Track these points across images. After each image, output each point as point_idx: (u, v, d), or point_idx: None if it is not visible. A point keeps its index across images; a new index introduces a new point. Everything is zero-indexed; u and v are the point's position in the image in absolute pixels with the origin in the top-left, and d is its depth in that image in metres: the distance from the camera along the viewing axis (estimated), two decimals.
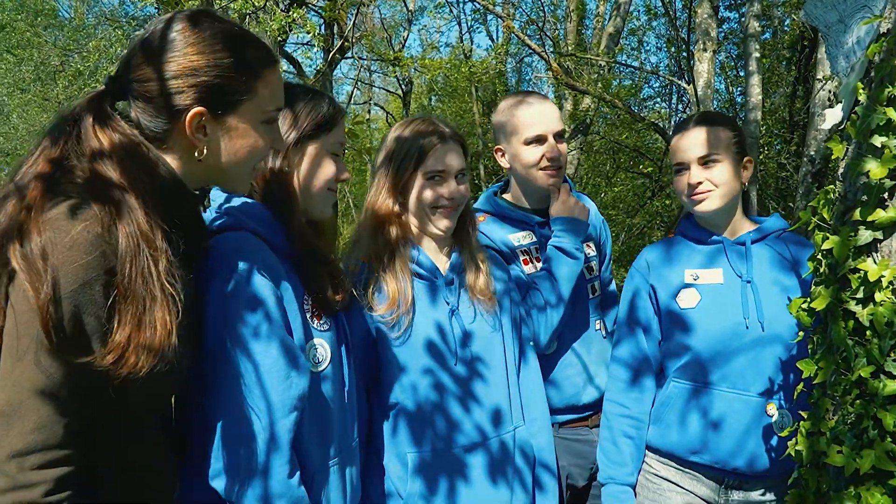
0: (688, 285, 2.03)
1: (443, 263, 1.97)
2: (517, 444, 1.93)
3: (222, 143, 1.33)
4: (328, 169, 1.65)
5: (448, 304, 1.92)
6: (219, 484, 1.40)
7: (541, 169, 2.27)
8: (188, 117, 1.27)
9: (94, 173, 1.20)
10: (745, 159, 2.05)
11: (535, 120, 2.27)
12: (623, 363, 2.14)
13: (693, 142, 2.02)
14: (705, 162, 2.01)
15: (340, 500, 1.59)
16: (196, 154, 1.31)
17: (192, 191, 1.38)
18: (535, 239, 2.33)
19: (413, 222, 1.97)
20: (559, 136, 2.30)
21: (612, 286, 2.58)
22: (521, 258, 2.30)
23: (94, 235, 1.13)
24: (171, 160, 1.31)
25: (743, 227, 2.08)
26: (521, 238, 2.32)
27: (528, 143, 2.27)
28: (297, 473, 1.44)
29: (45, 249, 1.10)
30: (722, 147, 2.01)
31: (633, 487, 2.08)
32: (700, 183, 2.00)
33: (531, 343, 2.12)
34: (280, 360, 1.43)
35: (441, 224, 1.94)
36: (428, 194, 1.92)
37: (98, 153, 1.21)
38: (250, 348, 1.41)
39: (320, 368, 1.57)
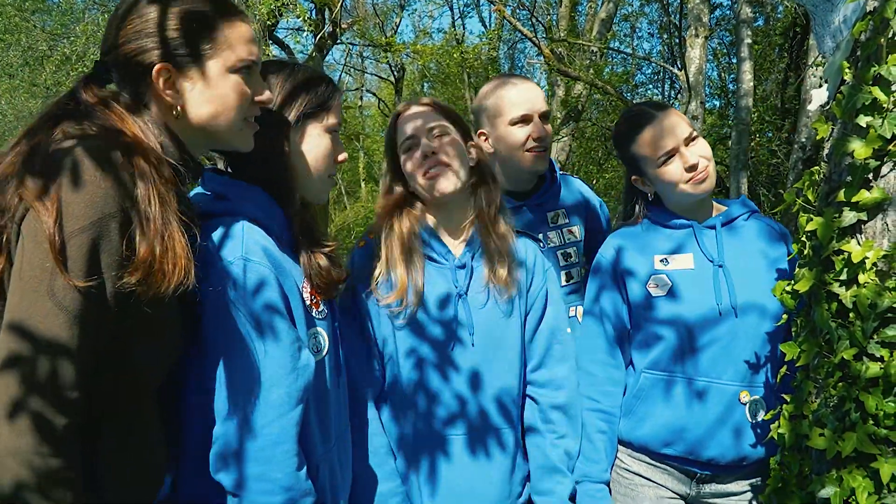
0: (657, 272, 1.96)
1: (457, 247, 1.93)
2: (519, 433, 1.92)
3: (195, 96, 1.35)
4: (328, 149, 1.62)
5: (456, 287, 1.87)
6: (224, 478, 1.37)
7: (527, 150, 2.23)
8: (153, 74, 1.29)
9: (101, 121, 1.26)
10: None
11: (520, 100, 2.24)
12: (591, 355, 2.04)
13: (672, 125, 1.93)
14: (689, 141, 1.93)
15: (329, 488, 1.57)
16: (174, 113, 1.34)
17: (174, 163, 1.36)
18: None
19: (422, 203, 1.95)
20: (544, 117, 2.27)
21: None
22: None
23: (107, 171, 1.16)
24: (159, 130, 1.35)
25: (712, 210, 2.03)
26: None
27: (513, 123, 2.24)
28: (304, 465, 1.42)
29: (60, 185, 1.12)
30: (688, 123, 1.97)
31: (608, 484, 2.00)
32: (698, 162, 1.91)
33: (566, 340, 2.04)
34: (286, 352, 1.40)
35: (435, 187, 1.85)
36: (408, 166, 1.89)
37: (103, 112, 1.28)
38: (254, 341, 1.38)
39: (319, 357, 1.54)
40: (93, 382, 1.17)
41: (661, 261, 1.97)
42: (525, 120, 2.23)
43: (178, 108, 1.34)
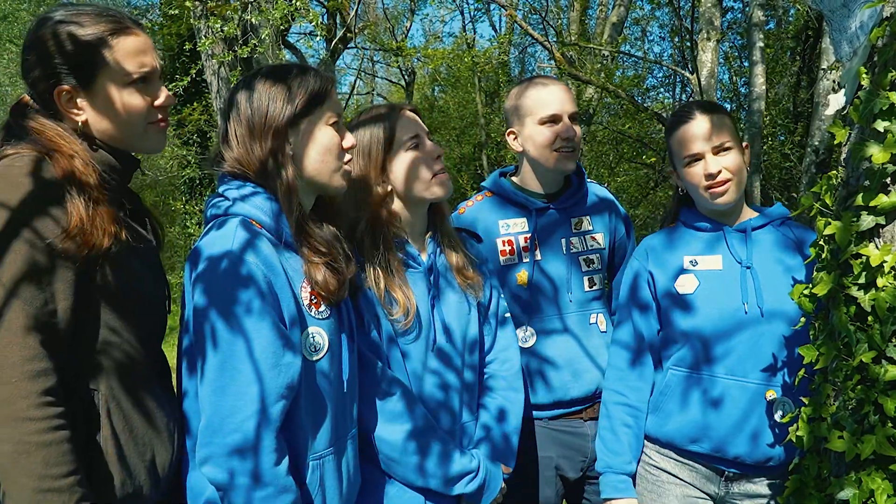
0: (686, 271, 2.02)
1: (422, 250, 1.96)
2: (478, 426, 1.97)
3: (94, 112, 1.50)
4: (331, 139, 1.63)
5: (430, 291, 1.90)
6: (207, 470, 1.42)
7: (555, 150, 2.25)
8: (55, 96, 1.47)
9: (28, 129, 1.47)
10: (744, 144, 2.03)
11: (549, 100, 2.26)
12: (621, 352, 2.12)
13: (704, 129, 1.96)
14: (720, 150, 1.96)
15: (336, 490, 1.59)
16: (78, 127, 1.50)
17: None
18: (527, 228, 2.30)
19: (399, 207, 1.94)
20: (573, 118, 2.27)
21: None
22: (500, 248, 2.29)
23: (30, 170, 1.37)
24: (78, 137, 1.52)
25: (746, 214, 2.07)
26: (510, 225, 2.31)
27: (542, 122, 2.25)
28: (285, 461, 1.45)
29: None
30: (730, 133, 1.98)
31: (632, 477, 2.07)
32: (719, 172, 1.94)
33: (506, 314, 2.11)
34: (267, 348, 1.43)
35: (443, 190, 1.91)
36: (409, 163, 1.91)
37: (29, 130, 1.48)
38: (236, 335, 1.42)
39: (316, 357, 1.56)
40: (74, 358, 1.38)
41: (691, 261, 2.02)
42: (554, 119, 2.25)
43: (80, 122, 1.50)
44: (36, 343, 1.28)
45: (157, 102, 1.57)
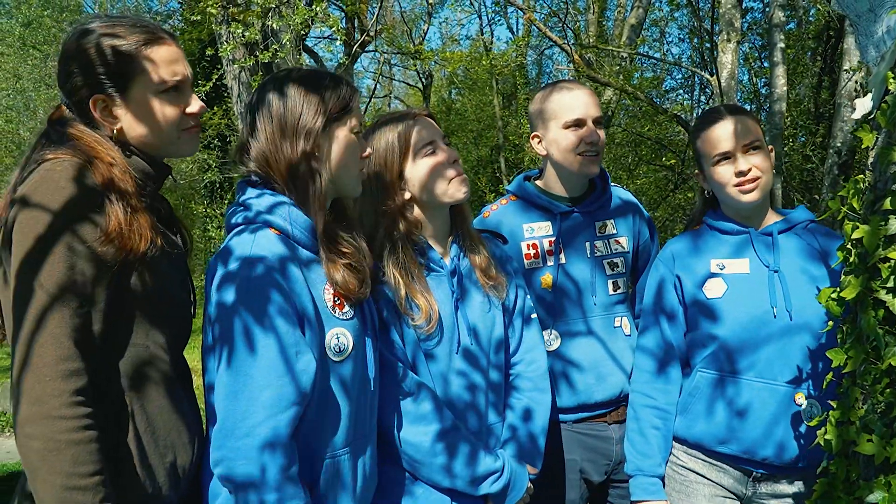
0: (714, 275, 2.03)
1: (445, 253, 1.98)
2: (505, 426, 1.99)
3: (130, 119, 1.54)
4: (356, 147, 1.68)
5: (453, 293, 1.92)
6: (219, 472, 1.44)
7: (579, 154, 2.26)
8: (91, 105, 1.51)
9: (69, 137, 1.50)
10: (769, 147, 2.05)
11: (574, 104, 2.27)
12: (649, 354, 2.14)
13: (734, 129, 2.00)
14: (749, 149, 1.99)
15: (350, 489, 1.61)
16: (113, 134, 1.54)
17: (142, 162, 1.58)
18: (551, 232, 2.31)
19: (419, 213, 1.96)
20: (598, 122, 2.29)
21: None
22: (524, 252, 2.30)
23: (74, 169, 1.41)
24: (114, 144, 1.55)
25: (770, 217, 2.07)
26: (534, 229, 2.32)
27: (566, 126, 2.26)
28: (295, 467, 1.46)
29: (34, 187, 1.38)
30: (758, 133, 2.01)
31: (662, 479, 2.08)
32: (749, 170, 1.97)
33: (532, 315, 2.12)
34: (280, 354, 1.45)
35: (461, 192, 1.94)
36: (428, 167, 1.93)
37: (69, 136, 1.51)
38: (251, 341, 1.44)
39: (340, 358, 1.58)
40: (104, 363, 1.42)
41: (718, 265, 2.03)
42: (578, 124, 2.26)
43: (115, 130, 1.54)
44: (71, 344, 1.32)
45: (189, 110, 1.61)
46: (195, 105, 1.62)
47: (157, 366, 1.51)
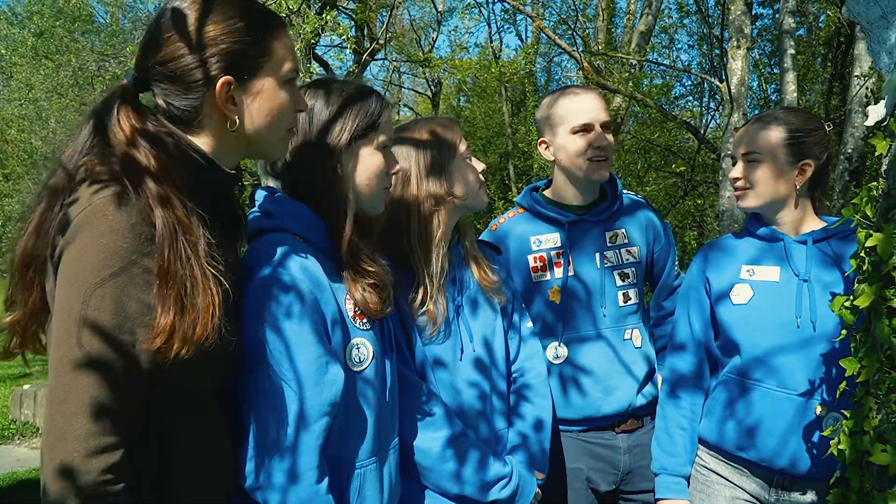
0: (742, 281, 2.04)
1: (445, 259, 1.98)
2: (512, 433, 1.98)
3: (252, 108, 1.35)
4: (381, 167, 1.64)
5: (455, 301, 1.92)
6: (247, 484, 1.41)
7: (588, 159, 2.24)
8: (217, 88, 1.29)
9: (128, 161, 1.22)
10: (803, 162, 1.99)
11: (582, 109, 2.26)
12: (678, 355, 2.15)
13: (742, 137, 2.06)
14: (748, 160, 2.03)
15: (377, 499, 1.59)
16: (228, 126, 1.34)
17: (226, 171, 1.38)
18: (559, 243, 2.28)
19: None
20: (606, 127, 2.27)
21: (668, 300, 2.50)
22: (532, 265, 2.29)
23: (132, 221, 1.17)
24: (205, 139, 1.34)
25: (808, 226, 2.05)
26: (542, 241, 2.30)
27: (574, 131, 2.25)
28: (326, 480, 1.44)
29: (84, 236, 1.15)
30: (766, 148, 1.99)
31: (687, 479, 2.10)
32: (738, 179, 2.05)
33: (527, 324, 2.12)
34: (312, 365, 1.43)
35: (484, 197, 1.99)
36: (470, 172, 1.97)
37: (130, 142, 1.24)
38: (282, 352, 1.41)
39: (361, 368, 1.56)
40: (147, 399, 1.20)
41: (748, 271, 2.05)
42: (586, 128, 2.24)
43: (235, 119, 1.33)
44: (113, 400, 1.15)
45: (298, 108, 1.46)
46: (302, 102, 1.46)
47: (198, 391, 1.34)
